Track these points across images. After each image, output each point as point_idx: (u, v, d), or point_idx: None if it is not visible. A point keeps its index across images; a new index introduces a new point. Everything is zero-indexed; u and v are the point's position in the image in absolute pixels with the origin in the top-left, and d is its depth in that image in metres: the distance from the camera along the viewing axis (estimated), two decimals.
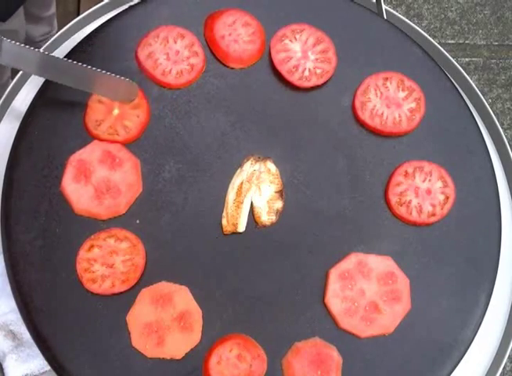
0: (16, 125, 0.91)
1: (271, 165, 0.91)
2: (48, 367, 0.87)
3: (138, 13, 0.95)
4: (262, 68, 0.95)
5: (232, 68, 0.94)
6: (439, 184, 0.90)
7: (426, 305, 0.86)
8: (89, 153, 0.88)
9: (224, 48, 0.94)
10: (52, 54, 1.04)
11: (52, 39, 1.02)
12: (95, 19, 1.06)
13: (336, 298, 0.85)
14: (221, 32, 0.94)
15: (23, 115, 0.91)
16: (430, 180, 0.90)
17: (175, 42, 0.93)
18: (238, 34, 0.95)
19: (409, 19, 1.09)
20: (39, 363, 0.89)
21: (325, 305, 0.85)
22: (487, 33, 1.62)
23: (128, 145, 0.89)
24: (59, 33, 1.03)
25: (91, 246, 0.85)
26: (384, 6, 1.04)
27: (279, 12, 0.96)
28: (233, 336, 0.83)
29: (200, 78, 0.93)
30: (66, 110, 0.90)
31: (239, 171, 0.90)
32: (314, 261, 0.87)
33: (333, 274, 0.86)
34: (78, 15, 1.04)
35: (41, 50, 0.96)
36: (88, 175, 0.87)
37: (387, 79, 0.94)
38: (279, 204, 0.89)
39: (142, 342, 0.82)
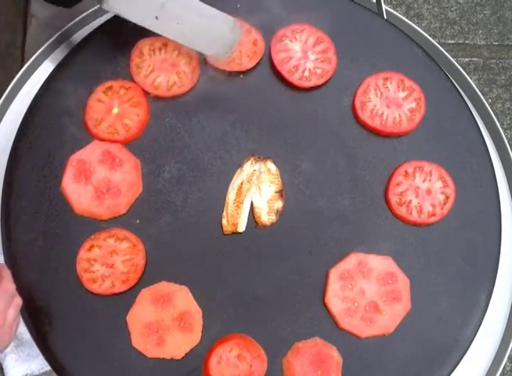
0: (16, 125, 0.91)
1: (271, 165, 0.91)
2: (48, 367, 0.87)
3: None
4: (262, 68, 0.95)
5: (232, 68, 0.94)
6: (439, 184, 0.90)
7: (426, 305, 0.86)
8: (89, 153, 0.88)
9: None
10: (52, 56, 1.04)
11: (53, 39, 1.02)
12: (94, 20, 1.06)
13: (336, 298, 0.85)
14: None
15: (23, 115, 0.91)
16: (430, 180, 0.90)
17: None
18: None
19: (409, 19, 1.09)
20: (39, 363, 0.89)
21: (325, 305, 0.85)
22: (487, 33, 1.61)
23: (128, 145, 0.89)
24: (58, 33, 1.03)
25: (92, 246, 0.85)
26: (384, 6, 1.04)
27: (279, 12, 0.96)
28: (233, 336, 0.83)
29: (200, 78, 0.93)
30: (67, 110, 0.90)
31: (239, 171, 0.90)
32: (314, 261, 0.87)
33: (333, 274, 0.86)
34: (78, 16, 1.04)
35: None
36: (88, 175, 0.87)
37: (387, 79, 0.94)
38: (279, 204, 0.89)
39: (142, 342, 0.82)
